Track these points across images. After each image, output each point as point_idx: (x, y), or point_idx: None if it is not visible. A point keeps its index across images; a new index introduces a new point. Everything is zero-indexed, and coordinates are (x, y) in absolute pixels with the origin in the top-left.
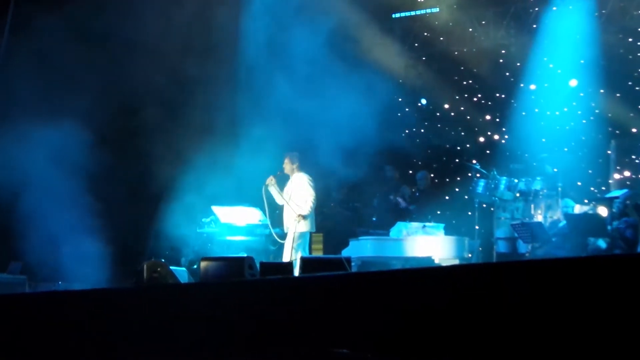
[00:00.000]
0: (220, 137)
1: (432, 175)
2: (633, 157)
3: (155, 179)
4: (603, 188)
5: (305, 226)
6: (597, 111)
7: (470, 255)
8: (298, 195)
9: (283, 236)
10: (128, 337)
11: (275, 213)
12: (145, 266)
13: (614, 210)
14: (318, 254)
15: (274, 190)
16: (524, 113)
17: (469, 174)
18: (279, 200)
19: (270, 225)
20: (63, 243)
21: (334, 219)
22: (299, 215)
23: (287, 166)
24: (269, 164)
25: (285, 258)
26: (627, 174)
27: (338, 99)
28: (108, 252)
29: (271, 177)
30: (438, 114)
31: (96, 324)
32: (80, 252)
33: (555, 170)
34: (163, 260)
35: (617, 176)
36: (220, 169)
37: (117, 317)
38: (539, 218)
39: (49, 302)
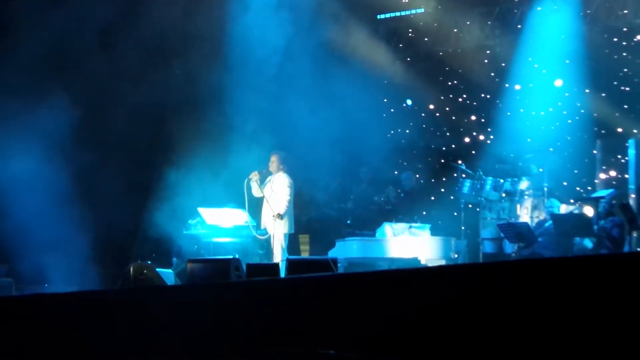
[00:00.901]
0: (207, 139)
1: (417, 175)
2: (619, 156)
3: (142, 182)
4: (589, 188)
5: (284, 227)
6: (582, 111)
7: (456, 255)
8: (277, 195)
9: (263, 234)
10: (114, 340)
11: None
12: (131, 268)
13: (600, 210)
14: (305, 255)
15: (255, 185)
16: (509, 113)
17: (455, 175)
18: (256, 193)
19: (251, 224)
20: (50, 246)
21: (320, 220)
22: (277, 214)
23: (274, 164)
24: (254, 165)
25: (277, 259)
26: (612, 173)
27: (323, 100)
28: (95, 255)
29: (255, 173)
30: (423, 114)
31: (83, 326)
32: (67, 255)
33: (541, 170)
34: (149, 262)
35: (603, 176)
36: (207, 170)
37: (103, 319)
38: (525, 218)
39: (35, 305)
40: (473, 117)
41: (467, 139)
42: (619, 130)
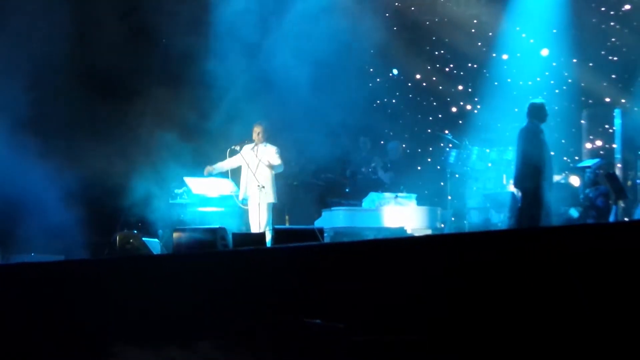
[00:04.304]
0: (193, 108)
1: (404, 145)
2: (606, 126)
3: (128, 150)
4: (576, 157)
5: (269, 197)
6: (569, 81)
7: (442, 225)
8: (265, 165)
9: (245, 204)
10: (100, 309)
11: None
12: (117, 237)
13: (585, 179)
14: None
15: (239, 156)
16: (496, 83)
17: (441, 144)
18: (231, 164)
19: (236, 194)
20: (36, 214)
21: (307, 190)
22: (262, 186)
23: (259, 135)
24: (240, 134)
25: (254, 229)
26: (599, 143)
27: (309, 70)
28: (81, 224)
29: (239, 144)
30: (410, 84)
31: (68, 296)
32: (53, 224)
33: None
34: (135, 231)
35: (589, 145)
36: (193, 139)
37: (89, 288)
38: (511, 188)
39: (20, 273)
40: (460, 87)
41: (454, 109)
42: (607, 99)
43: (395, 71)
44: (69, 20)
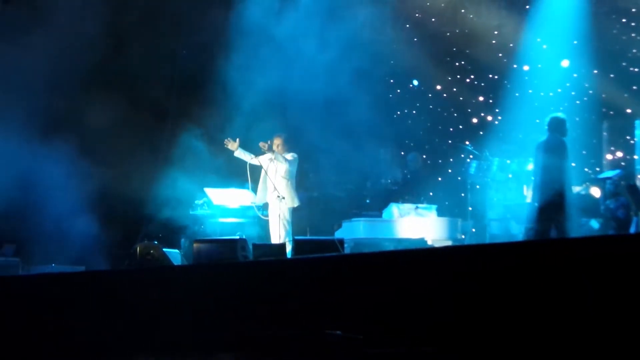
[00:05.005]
0: (216, 119)
1: (424, 156)
2: (627, 137)
3: (149, 160)
4: (597, 169)
5: (289, 202)
6: (590, 92)
7: (463, 236)
8: (284, 173)
9: (266, 215)
10: (121, 319)
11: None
12: (138, 248)
13: (606, 190)
14: None
15: (258, 158)
16: (517, 94)
17: (462, 155)
18: (253, 160)
19: (256, 205)
20: (56, 225)
21: (327, 201)
22: (282, 197)
23: (280, 147)
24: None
25: (274, 240)
26: (620, 154)
27: (329, 80)
28: (102, 235)
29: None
30: (430, 95)
31: (89, 305)
32: (74, 235)
33: None
34: (156, 242)
35: (610, 157)
36: (215, 149)
37: (109, 298)
38: (530, 200)
39: (41, 284)
40: (481, 98)
41: (474, 120)
42: (628, 111)
43: (415, 82)
44: (101, 30)
